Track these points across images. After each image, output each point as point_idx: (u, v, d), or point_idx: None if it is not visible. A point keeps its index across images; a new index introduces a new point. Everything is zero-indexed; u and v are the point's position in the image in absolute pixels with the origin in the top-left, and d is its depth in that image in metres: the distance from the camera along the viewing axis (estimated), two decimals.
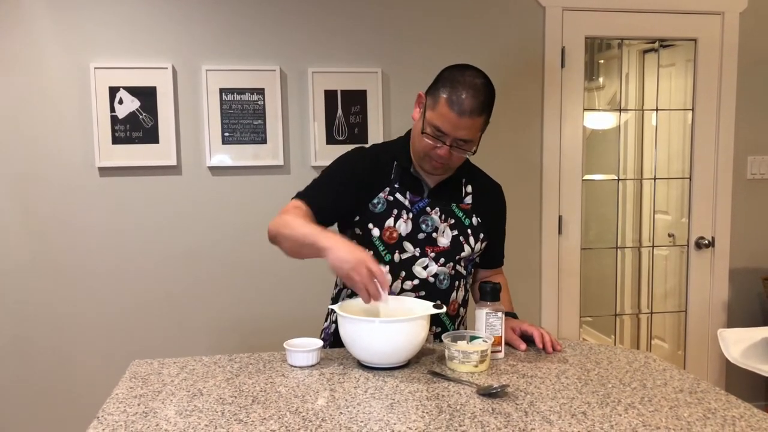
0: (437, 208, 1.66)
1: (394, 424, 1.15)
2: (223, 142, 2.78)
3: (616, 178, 3.36)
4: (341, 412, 1.20)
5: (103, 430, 1.15)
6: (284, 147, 2.83)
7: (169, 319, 2.83)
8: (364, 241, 1.66)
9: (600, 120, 3.67)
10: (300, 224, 1.50)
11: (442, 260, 1.65)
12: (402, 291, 1.64)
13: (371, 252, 1.63)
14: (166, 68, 2.72)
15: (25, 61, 2.65)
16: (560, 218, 3.10)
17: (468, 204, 1.71)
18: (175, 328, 2.83)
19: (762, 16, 3.15)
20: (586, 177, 3.18)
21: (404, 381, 1.37)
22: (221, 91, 2.76)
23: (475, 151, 1.58)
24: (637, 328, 3.66)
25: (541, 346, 1.58)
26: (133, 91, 2.70)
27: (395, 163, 1.67)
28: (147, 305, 2.81)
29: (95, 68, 2.66)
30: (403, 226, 1.63)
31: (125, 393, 1.33)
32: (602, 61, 3.77)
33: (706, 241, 3.22)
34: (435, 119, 1.53)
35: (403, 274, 1.64)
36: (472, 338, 1.50)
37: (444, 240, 1.66)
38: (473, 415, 1.19)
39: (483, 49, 2.95)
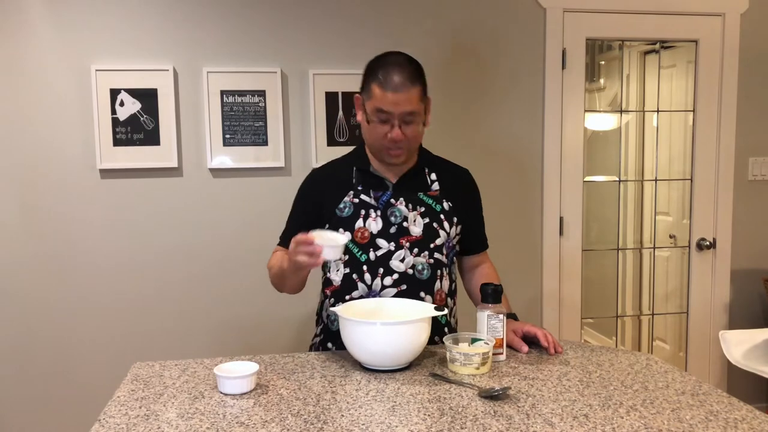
0: (401, 198, 1.68)
1: (396, 426, 1.15)
2: (224, 144, 2.78)
3: (618, 179, 3.36)
4: (342, 415, 1.20)
5: None
6: (285, 149, 2.83)
7: (170, 322, 2.83)
8: None
9: (601, 121, 3.67)
10: (274, 264, 1.68)
11: (416, 250, 1.66)
12: (383, 288, 1.64)
13: (346, 256, 1.67)
14: (167, 70, 2.72)
15: (27, 64, 2.65)
16: (561, 219, 3.10)
17: (436, 190, 1.72)
18: (176, 331, 2.84)
19: (763, 17, 3.14)
20: (587, 178, 3.18)
21: (406, 383, 1.37)
22: (222, 93, 2.76)
23: (425, 123, 1.63)
24: (638, 329, 3.66)
25: (546, 345, 1.58)
26: (134, 93, 2.70)
27: (354, 168, 1.71)
28: (148, 308, 2.81)
29: (96, 70, 2.66)
30: (373, 225, 1.65)
31: (126, 395, 1.33)
32: (603, 63, 3.77)
33: (708, 243, 3.22)
34: (376, 105, 1.58)
35: (381, 270, 1.65)
36: (474, 340, 1.50)
37: (416, 229, 1.66)
38: (475, 417, 1.18)
39: (484, 50, 2.95)
